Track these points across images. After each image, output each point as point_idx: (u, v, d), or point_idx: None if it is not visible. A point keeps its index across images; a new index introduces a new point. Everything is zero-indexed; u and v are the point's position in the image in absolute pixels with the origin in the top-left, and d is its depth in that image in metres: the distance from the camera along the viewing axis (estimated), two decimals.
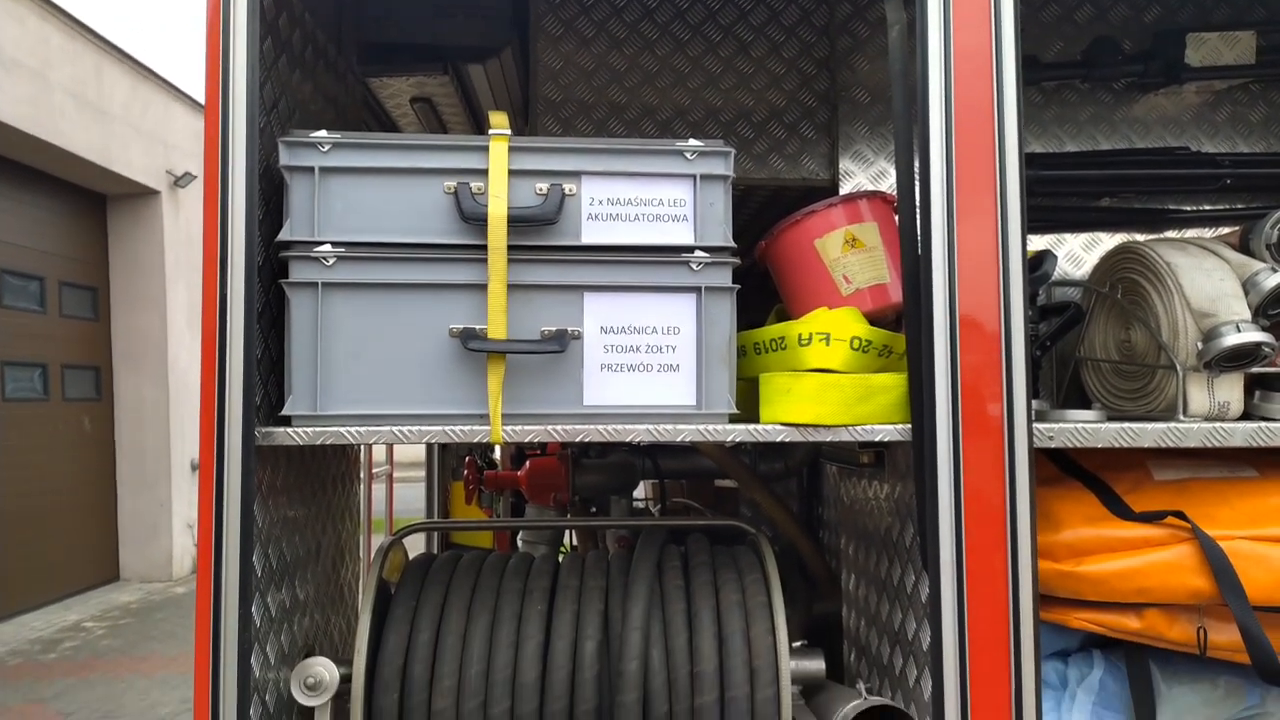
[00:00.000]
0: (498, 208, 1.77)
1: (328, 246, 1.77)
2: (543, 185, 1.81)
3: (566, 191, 1.81)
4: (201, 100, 1.69)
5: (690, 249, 1.84)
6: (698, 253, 1.83)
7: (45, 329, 8.72)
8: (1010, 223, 1.74)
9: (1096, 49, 2.55)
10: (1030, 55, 2.52)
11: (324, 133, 1.78)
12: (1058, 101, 2.66)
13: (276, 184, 1.82)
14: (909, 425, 1.79)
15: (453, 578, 1.98)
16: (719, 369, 1.84)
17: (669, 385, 1.83)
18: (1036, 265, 2.10)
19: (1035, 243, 2.58)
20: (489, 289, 1.77)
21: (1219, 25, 2.54)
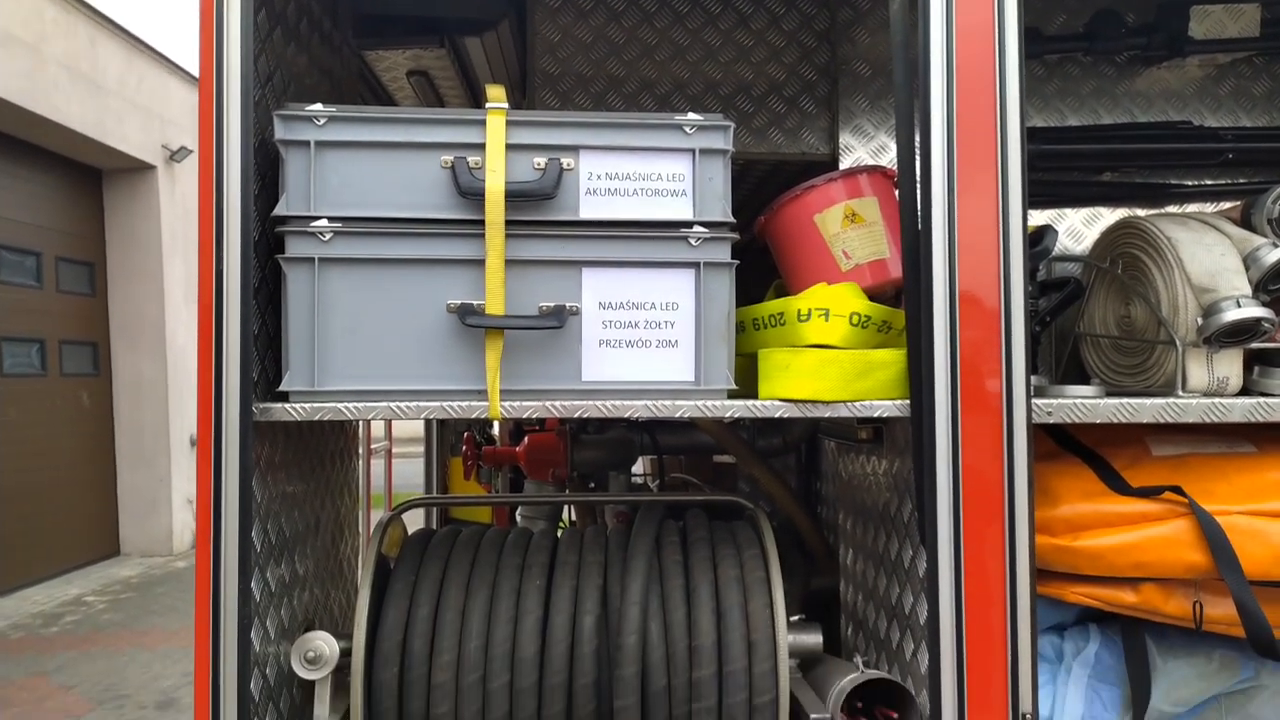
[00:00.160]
0: (495, 182, 1.75)
1: (324, 221, 1.76)
2: (540, 160, 1.80)
3: (564, 166, 1.80)
4: (197, 74, 1.68)
5: (689, 224, 1.82)
6: (696, 228, 1.82)
7: (42, 304, 8.70)
8: (1011, 197, 1.73)
9: (1099, 21, 2.53)
10: (1032, 28, 2.50)
11: (319, 106, 1.77)
12: (1060, 75, 2.64)
13: (272, 158, 1.81)
14: (908, 401, 1.79)
15: (451, 553, 1.98)
16: (718, 345, 1.83)
17: (668, 361, 1.83)
18: (1037, 240, 2.09)
19: (1036, 218, 2.57)
20: (487, 264, 1.76)
21: None
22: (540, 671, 1.83)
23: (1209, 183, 2.66)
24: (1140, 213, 2.56)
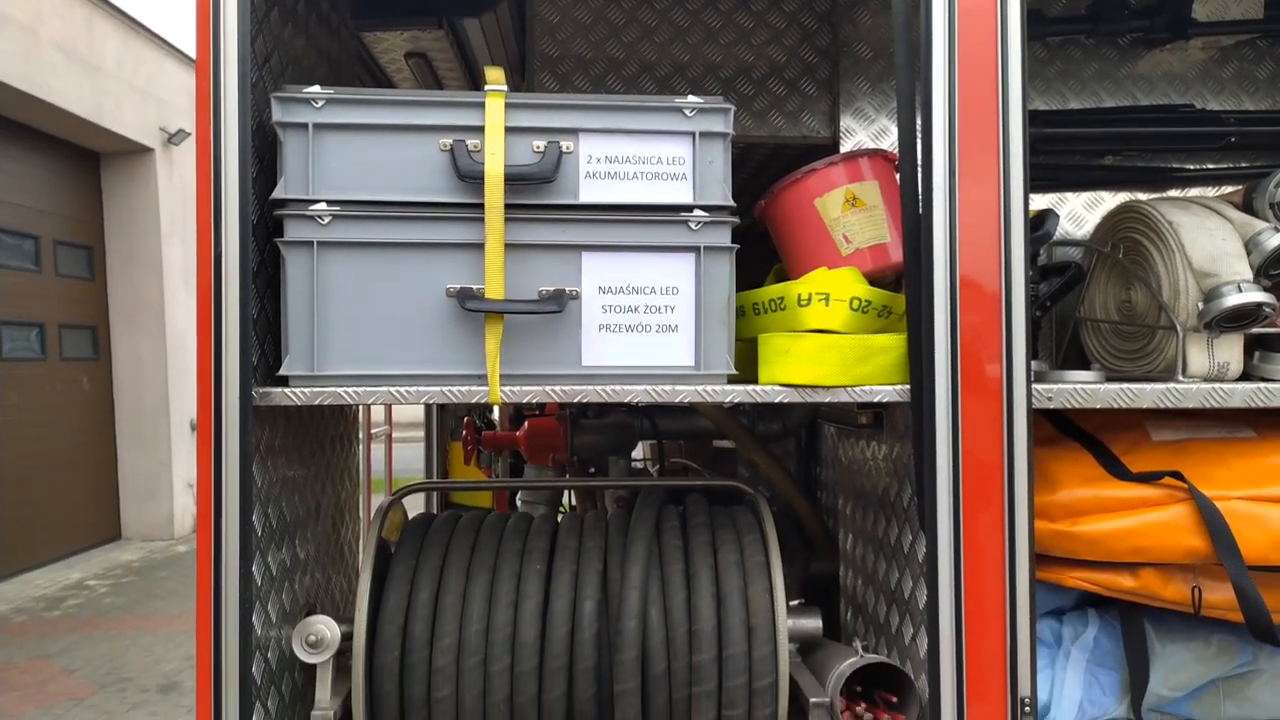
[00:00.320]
0: (494, 165, 1.74)
1: (323, 205, 1.75)
2: (540, 143, 1.79)
3: (564, 149, 1.79)
4: (194, 55, 1.66)
5: (689, 208, 1.82)
6: (697, 212, 1.81)
7: (41, 288, 8.68)
8: (1012, 182, 1.72)
9: (1102, 3, 2.51)
10: (1035, 9, 2.48)
11: (317, 88, 1.76)
12: (1062, 57, 2.62)
13: (270, 141, 1.80)
14: (908, 386, 1.79)
15: (452, 537, 1.99)
16: (717, 329, 1.83)
17: (667, 346, 1.83)
18: (1038, 225, 2.08)
19: (1037, 202, 2.56)
20: (486, 248, 1.75)
21: None
22: (541, 655, 1.83)
23: (1211, 167, 2.65)
24: (1142, 197, 2.55)
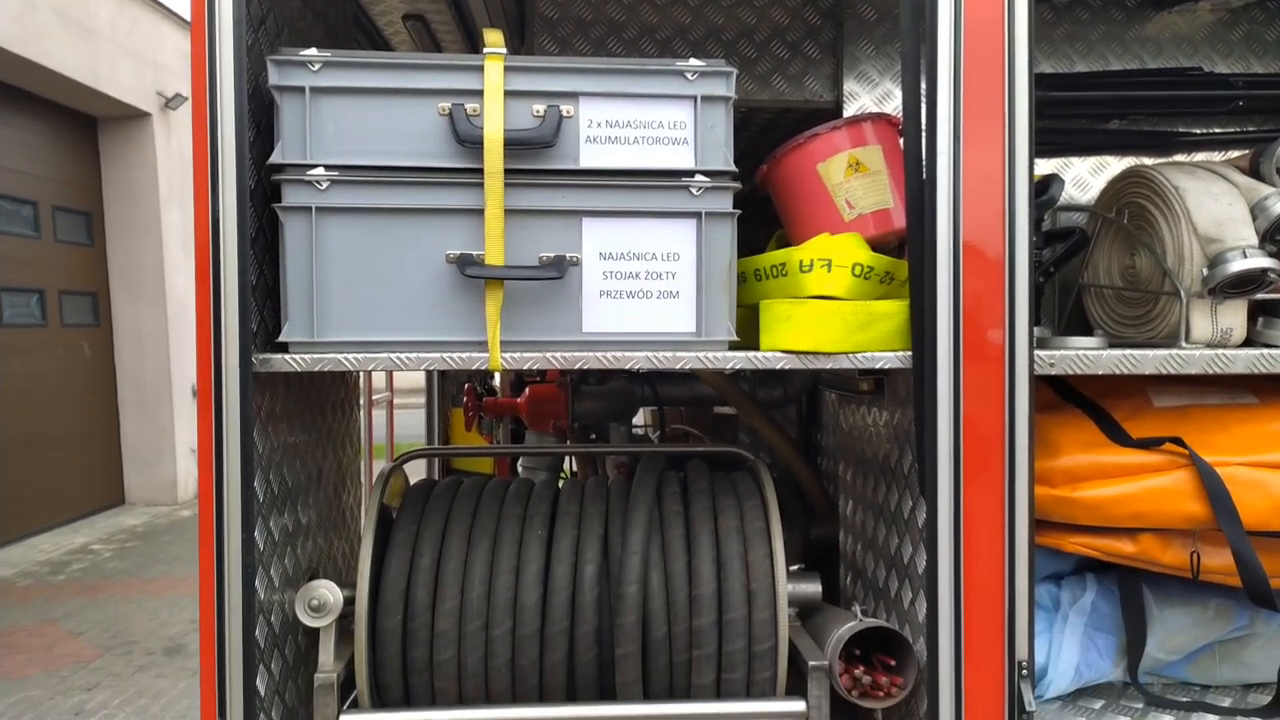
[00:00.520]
0: (494, 130, 1.73)
1: (320, 169, 1.73)
2: (539, 107, 1.77)
3: (564, 113, 1.77)
4: (189, 18, 1.64)
5: (691, 173, 1.80)
6: (698, 177, 1.80)
7: (41, 254, 8.66)
8: (1018, 146, 1.70)
9: None
10: None
11: (314, 51, 1.73)
12: (1069, 19, 2.58)
13: (267, 104, 1.78)
14: (910, 352, 1.79)
15: (453, 503, 1.99)
16: (719, 295, 1.82)
17: (669, 312, 1.82)
18: (1043, 190, 2.06)
19: (1041, 166, 2.54)
20: (486, 214, 1.74)
21: None
22: (542, 619, 1.84)
23: (1218, 131, 2.62)
24: (1148, 161, 2.53)
